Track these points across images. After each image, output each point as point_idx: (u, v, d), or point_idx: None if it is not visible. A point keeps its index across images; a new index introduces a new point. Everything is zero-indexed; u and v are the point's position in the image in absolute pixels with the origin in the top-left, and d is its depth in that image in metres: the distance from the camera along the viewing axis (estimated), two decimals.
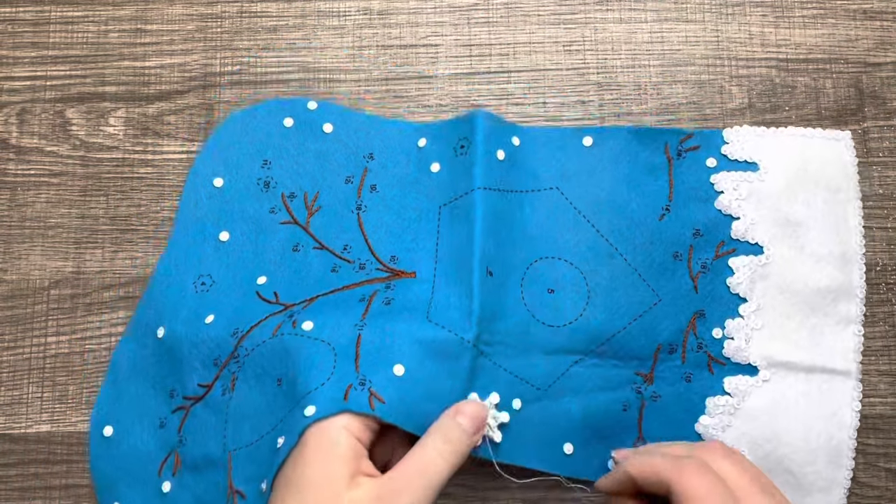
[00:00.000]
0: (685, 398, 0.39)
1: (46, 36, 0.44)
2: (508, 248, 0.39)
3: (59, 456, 0.40)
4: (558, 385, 0.39)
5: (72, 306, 0.41)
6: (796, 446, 0.38)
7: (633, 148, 0.41)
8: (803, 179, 0.40)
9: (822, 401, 0.39)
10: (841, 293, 0.40)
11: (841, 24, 0.43)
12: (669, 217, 0.40)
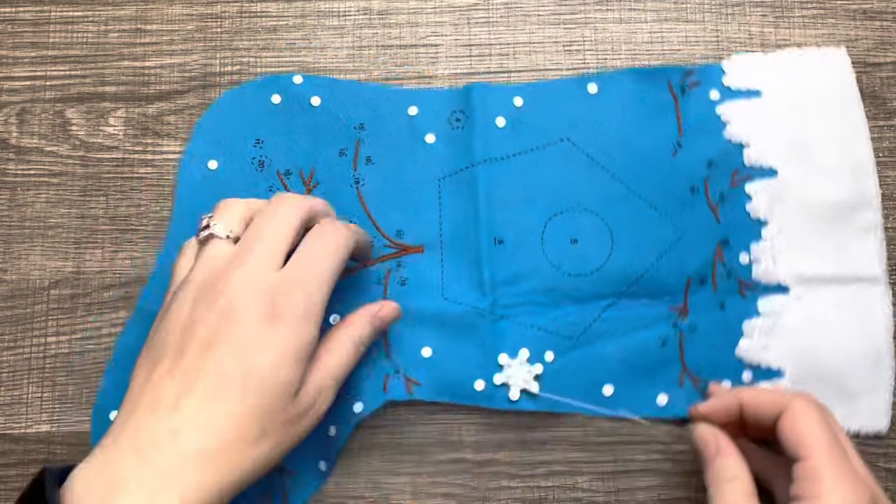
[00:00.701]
0: (722, 325, 0.39)
1: (46, 36, 0.44)
2: (521, 210, 0.40)
3: (58, 456, 0.40)
4: (591, 331, 0.39)
5: (72, 306, 0.41)
6: (837, 357, 0.39)
7: (637, 90, 0.41)
8: (806, 99, 0.41)
9: (854, 309, 0.39)
10: (858, 203, 0.40)
11: (841, 24, 0.43)
12: (682, 153, 0.40)
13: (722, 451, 0.34)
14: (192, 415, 0.29)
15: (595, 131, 0.41)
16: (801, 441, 0.32)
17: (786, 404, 0.33)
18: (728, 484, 0.33)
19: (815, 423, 0.32)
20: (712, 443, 0.34)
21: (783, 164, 0.40)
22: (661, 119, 0.41)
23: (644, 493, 0.39)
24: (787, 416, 0.32)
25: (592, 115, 0.41)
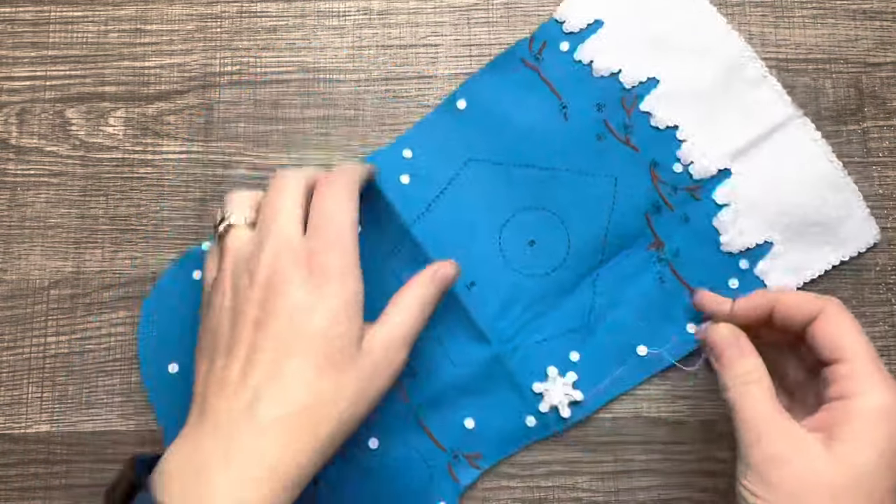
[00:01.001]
0: (697, 235, 0.40)
1: (46, 36, 0.44)
2: (471, 245, 0.40)
3: (58, 456, 0.40)
4: (596, 309, 0.40)
5: (71, 306, 0.41)
6: (802, 198, 0.40)
7: (499, 81, 0.42)
8: (645, 7, 0.42)
9: (789, 152, 0.40)
10: (734, 65, 0.41)
11: (841, 24, 0.43)
12: (570, 111, 0.41)
13: (746, 353, 0.33)
14: (262, 387, 0.30)
15: (488, 139, 0.41)
16: (838, 343, 0.32)
17: (820, 308, 0.33)
18: (754, 385, 0.32)
19: (851, 326, 0.32)
20: (735, 343, 0.34)
21: (658, 69, 0.41)
22: (536, 94, 0.41)
23: (644, 493, 0.39)
24: (823, 318, 0.32)
25: (476, 126, 0.41)
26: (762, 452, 0.30)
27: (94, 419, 0.40)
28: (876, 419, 0.30)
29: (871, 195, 0.42)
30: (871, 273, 0.41)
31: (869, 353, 0.31)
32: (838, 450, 0.30)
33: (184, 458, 0.29)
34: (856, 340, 0.32)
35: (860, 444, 0.29)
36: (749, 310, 0.35)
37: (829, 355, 0.32)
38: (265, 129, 0.43)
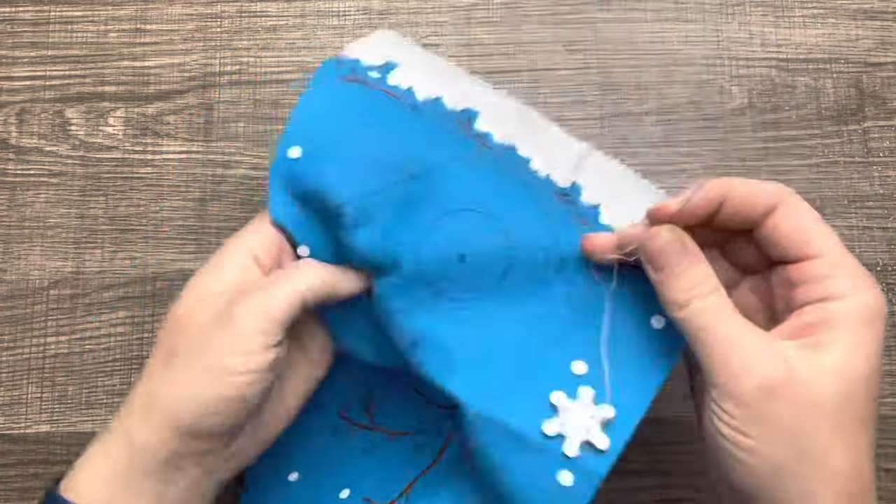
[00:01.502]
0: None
1: (46, 36, 0.44)
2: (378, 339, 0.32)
3: (58, 456, 0.40)
4: (585, 307, 0.31)
5: (71, 306, 0.41)
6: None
7: (330, 100, 0.34)
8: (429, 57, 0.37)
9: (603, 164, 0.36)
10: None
11: (841, 23, 0.43)
12: (423, 109, 0.34)
13: (698, 258, 0.28)
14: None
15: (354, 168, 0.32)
16: (805, 238, 0.27)
17: (777, 198, 0.27)
18: (718, 293, 0.27)
19: (815, 217, 0.27)
20: (682, 249, 0.28)
21: (472, 103, 0.35)
22: (375, 99, 0.33)
23: (645, 494, 0.39)
24: (782, 211, 0.27)
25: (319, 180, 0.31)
26: (754, 382, 0.25)
27: (93, 419, 0.40)
28: (865, 322, 0.26)
29: (872, 195, 0.42)
30: (871, 273, 0.41)
31: (840, 246, 0.27)
32: (830, 359, 0.25)
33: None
34: (824, 232, 0.27)
35: (850, 353, 0.25)
36: (700, 205, 0.28)
37: (795, 252, 0.27)
38: (265, 128, 0.43)
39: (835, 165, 0.42)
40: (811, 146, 0.42)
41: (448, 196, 0.31)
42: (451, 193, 0.31)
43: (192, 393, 0.28)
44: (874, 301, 0.26)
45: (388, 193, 0.30)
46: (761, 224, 0.28)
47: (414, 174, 0.31)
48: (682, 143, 0.42)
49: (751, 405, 0.25)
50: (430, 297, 0.30)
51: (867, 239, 0.41)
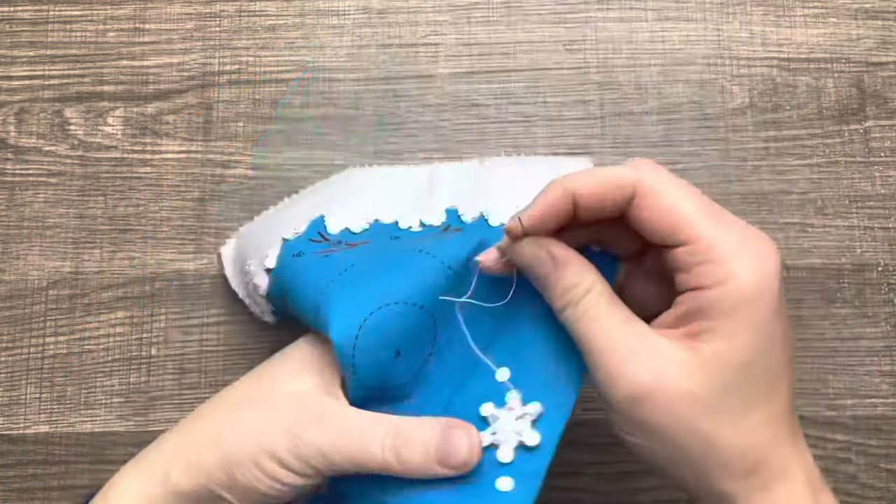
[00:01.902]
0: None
1: (45, 35, 0.43)
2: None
3: (57, 457, 0.40)
4: (503, 318, 0.31)
5: (70, 306, 0.41)
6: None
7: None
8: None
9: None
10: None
11: (842, 23, 0.43)
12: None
13: (563, 262, 0.27)
14: None
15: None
16: (675, 220, 0.25)
17: (634, 182, 0.26)
18: (589, 296, 0.26)
19: (680, 192, 0.26)
20: (547, 256, 0.27)
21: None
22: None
23: (645, 495, 0.39)
24: (643, 196, 0.26)
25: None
26: (623, 391, 0.25)
27: (92, 420, 0.40)
28: (741, 305, 0.24)
29: (874, 195, 0.41)
30: (872, 273, 0.41)
31: (714, 218, 0.25)
32: (704, 352, 0.25)
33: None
34: (691, 212, 0.25)
35: (729, 340, 0.25)
36: (544, 214, 0.27)
37: (666, 239, 0.26)
38: (264, 128, 0.42)
39: (836, 165, 0.42)
40: (812, 146, 0.42)
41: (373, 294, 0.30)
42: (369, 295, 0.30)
43: (236, 476, 0.28)
44: (751, 279, 0.24)
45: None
46: (627, 213, 0.26)
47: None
48: (683, 142, 0.42)
49: (623, 412, 0.25)
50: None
51: (868, 239, 0.41)
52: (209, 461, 0.29)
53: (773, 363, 0.25)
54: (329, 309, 0.29)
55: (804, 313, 0.41)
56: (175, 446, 0.30)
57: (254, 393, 0.31)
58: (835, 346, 0.41)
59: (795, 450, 0.26)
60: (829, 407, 0.40)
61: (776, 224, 0.41)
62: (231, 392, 0.32)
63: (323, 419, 0.28)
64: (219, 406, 0.31)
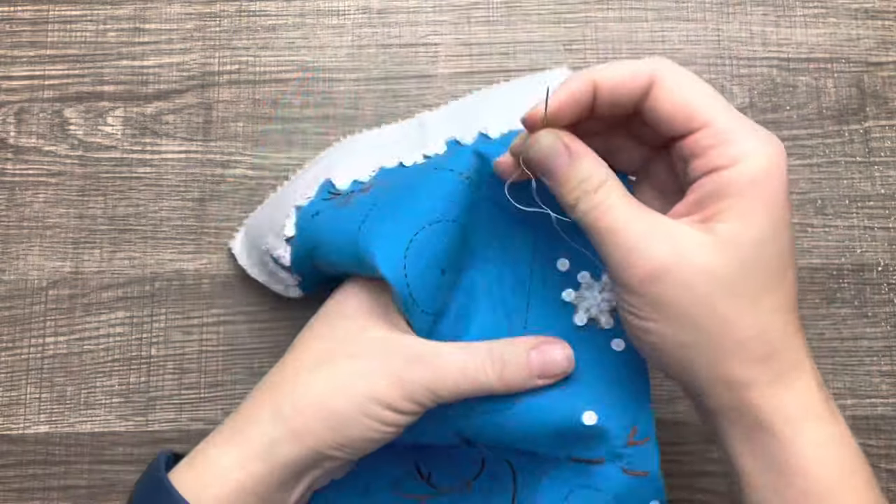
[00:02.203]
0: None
1: (45, 35, 0.43)
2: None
3: (57, 457, 0.40)
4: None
5: (70, 306, 0.41)
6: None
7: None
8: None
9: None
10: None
11: (842, 23, 0.43)
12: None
13: (579, 154, 0.27)
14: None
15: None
16: (688, 109, 0.26)
17: (653, 73, 0.26)
18: (603, 189, 0.26)
19: (696, 84, 0.26)
20: (563, 148, 0.27)
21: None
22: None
23: None
24: (659, 86, 0.26)
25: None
26: (641, 269, 0.25)
27: (92, 420, 0.40)
28: (754, 184, 0.25)
29: (874, 195, 0.41)
30: (872, 273, 0.41)
31: (727, 109, 0.26)
32: (720, 231, 0.25)
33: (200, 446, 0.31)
34: (706, 100, 0.26)
35: (743, 218, 0.25)
36: (568, 103, 0.27)
37: (680, 127, 0.26)
38: (264, 128, 0.42)
39: (836, 165, 0.42)
40: (812, 146, 0.42)
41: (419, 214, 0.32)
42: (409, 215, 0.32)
43: (345, 428, 0.29)
44: (764, 160, 0.25)
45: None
46: (642, 106, 0.27)
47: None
48: None
49: (642, 293, 0.25)
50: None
51: (868, 239, 0.41)
52: (316, 426, 0.29)
53: (783, 248, 0.26)
54: (371, 246, 0.30)
55: (804, 313, 0.41)
56: (272, 415, 0.30)
57: (334, 347, 0.31)
58: (835, 346, 0.41)
59: (805, 348, 0.26)
60: None
61: None
62: (305, 353, 0.31)
63: (420, 358, 0.29)
64: (299, 369, 0.31)
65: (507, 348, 0.30)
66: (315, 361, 0.31)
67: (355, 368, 0.30)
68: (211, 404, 0.40)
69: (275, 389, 0.31)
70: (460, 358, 0.30)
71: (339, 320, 0.32)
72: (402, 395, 0.29)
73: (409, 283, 0.30)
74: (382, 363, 0.29)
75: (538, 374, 0.30)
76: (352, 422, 0.29)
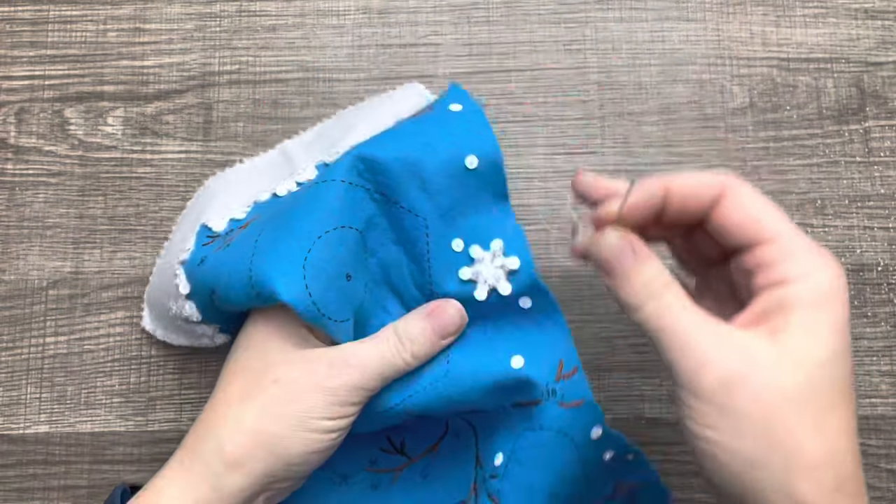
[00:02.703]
0: None
1: (45, 35, 0.43)
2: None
3: (57, 457, 0.40)
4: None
5: (70, 306, 0.41)
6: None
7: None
8: None
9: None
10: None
11: (842, 23, 0.43)
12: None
13: (645, 256, 0.27)
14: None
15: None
16: (756, 223, 0.27)
17: (721, 186, 0.27)
18: (668, 293, 0.27)
19: (764, 199, 0.27)
20: (629, 249, 0.27)
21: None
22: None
23: None
24: (729, 199, 0.27)
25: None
26: (713, 376, 0.25)
27: (92, 420, 0.40)
28: (821, 302, 0.25)
29: (873, 195, 0.41)
30: (872, 273, 0.41)
31: (792, 228, 0.26)
32: (789, 345, 0.25)
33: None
34: (774, 216, 0.27)
35: (807, 337, 0.25)
36: (641, 205, 0.28)
37: (746, 239, 0.27)
38: (264, 128, 0.42)
39: (836, 165, 0.42)
40: (812, 146, 0.42)
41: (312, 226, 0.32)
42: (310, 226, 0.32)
43: (286, 449, 0.30)
44: (830, 279, 0.25)
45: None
46: (710, 215, 0.28)
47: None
48: (683, 142, 0.42)
49: (712, 400, 0.25)
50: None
51: (868, 239, 0.41)
52: (258, 453, 0.30)
53: (846, 367, 0.25)
54: (267, 276, 0.31)
55: None
56: (213, 450, 0.30)
57: (257, 376, 0.31)
58: None
59: (862, 477, 0.26)
60: None
61: None
62: (230, 386, 0.32)
63: (340, 362, 0.31)
64: (230, 402, 0.31)
65: (409, 325, 0.32)
66: (241, 394, 0.31)
67: (282, 392, 0.31)
68: None
69: (209, 425, 0.31)
70: (376, 350, 0.32)
71: (255, 349, 0.32)
72: (333, 401, 0.31)
73: (315, 300, 0.31)
74: (306, 379, 0.31)
75: (440, 335, 0.33)
76: (292, 442, 0.30)
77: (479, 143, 0.33)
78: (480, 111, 0.34)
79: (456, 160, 0.32)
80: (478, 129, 0.33)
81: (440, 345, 0.33)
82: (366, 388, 0.31)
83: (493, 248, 0.33)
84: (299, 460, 0.31)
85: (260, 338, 0.33)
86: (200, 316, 0.35)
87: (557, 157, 0.42)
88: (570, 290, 0.41)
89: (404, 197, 0.33)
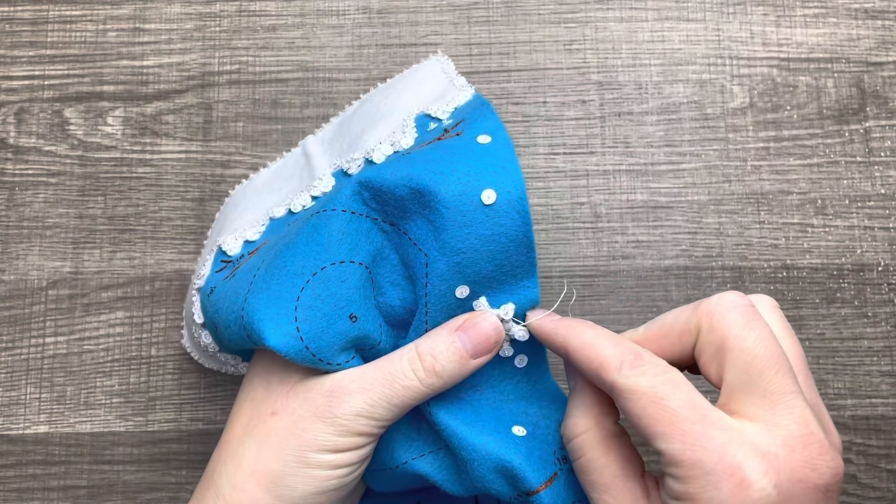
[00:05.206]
0: None
1: (44, 35, 0.43)
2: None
3: (57, 457, 0.40)
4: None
5: (70, 307, 0.41)
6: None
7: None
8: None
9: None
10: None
11: (842, 23, 0.43)
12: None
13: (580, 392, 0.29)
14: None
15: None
16: (657, 425, 0.25)
17: (612, 385, 0.26)
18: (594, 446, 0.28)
19: (664, 401, 0.25)
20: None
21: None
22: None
23: None
24: (623, 398, 0.26)
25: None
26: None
27: (92, 420, 0.40)
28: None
29: (874, 195, 0.41)
30: (873, 273, 0.41)
31: (689, 432, 0.24)
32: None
33: None
34: (671, 421, 0.25)
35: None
36: (548, 342, 0.29)
37: (650, 436, 0.25)
38: (264, 128, 0.42)
39: (836, 165, 0.42)
40: (812, 146, 0.42)
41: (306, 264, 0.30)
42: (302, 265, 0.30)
43: (289, 489, 0.28)
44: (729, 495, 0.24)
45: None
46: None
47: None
48: (683, 142, 0.42)
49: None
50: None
51: (868, 239, 0.41)
52: (260, 496, 0.28)
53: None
54: (256, 321, 0.28)
55: (804, 313, 0.41)
56: (215, 496, 0.29)
57: (257, 410, 0.30)
58: (835, 346, 0.41)
59: None
60: (830, 407, 0.40)
61: (776, 224, 0.41)
62: (234, 423, 0.31)
63: (340, 388, 0.28)
64: (231, 442, 0.30)
65: (434, 340, 0.29)
66: (242, 431, 0.30)
67: (279, 425, 0.28)
68: (211, 404, 0.40)
69: (213, 469, 0.30)
70: (381, 372, 0.28)
71: (260, 377, 0.31)
72: (335, 431, 0.28)
73: (308, 343, 0.28)
74: (304, 409, 0.28)
75: (472, 354, 0.29)
76: (294, 479, 0.28)
77: (500, 179, 0.29)
78: (510, 145, 0.30)
79: (471, 193, 0.28)
80: (502, 163, 0.29)
81: (470, 365, 0.29)
82: (372, 416, 0.28)
83: (502, 310, 0.30)
84: (306, 500, 0.28)
85: (265, 367, 0.31)
86: (217, 347, 0.34)
87: (557, 157, 0.42)
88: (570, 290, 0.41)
89: (412, 227, 0.29)
